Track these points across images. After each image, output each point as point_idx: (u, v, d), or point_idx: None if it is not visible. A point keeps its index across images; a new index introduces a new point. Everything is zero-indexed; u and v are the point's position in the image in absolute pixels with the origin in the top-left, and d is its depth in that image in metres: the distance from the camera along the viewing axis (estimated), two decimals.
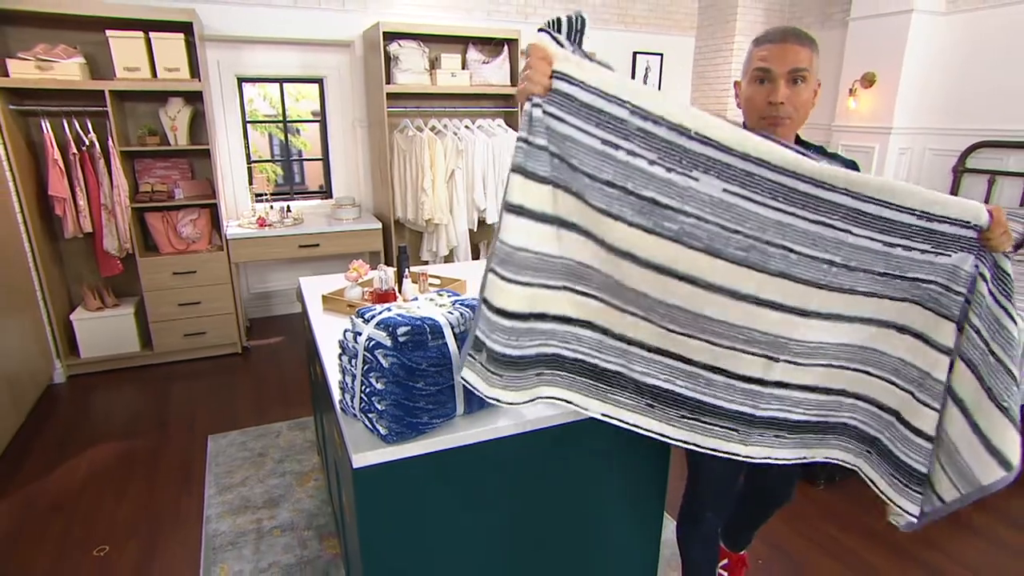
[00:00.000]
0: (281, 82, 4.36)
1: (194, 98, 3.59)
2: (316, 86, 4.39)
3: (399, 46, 3.94)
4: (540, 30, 1.06)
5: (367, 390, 1.23)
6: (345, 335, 1.30)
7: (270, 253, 3.87)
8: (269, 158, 6.94)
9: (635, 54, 5.19)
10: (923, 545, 2.16)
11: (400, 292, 2.08)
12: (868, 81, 4.28)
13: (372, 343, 1.20)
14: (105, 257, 3.47)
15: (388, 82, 3.94)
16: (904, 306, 1.12)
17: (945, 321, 1.11)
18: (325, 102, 4.38)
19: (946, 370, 1.13)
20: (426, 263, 4.16)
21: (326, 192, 4.60)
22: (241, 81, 4.10)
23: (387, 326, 1.19)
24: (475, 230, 4.40)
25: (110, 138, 3.30)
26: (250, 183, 4.23)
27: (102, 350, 3.52)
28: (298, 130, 7.00)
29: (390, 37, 3.92)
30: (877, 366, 1.19)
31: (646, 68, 5.27)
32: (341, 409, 1.34)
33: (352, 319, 1.28)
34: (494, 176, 4.27)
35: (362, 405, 1.25)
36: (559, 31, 1.06)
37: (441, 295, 1.39)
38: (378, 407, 1.20)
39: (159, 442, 2.82)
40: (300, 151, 7.32)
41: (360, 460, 1.19)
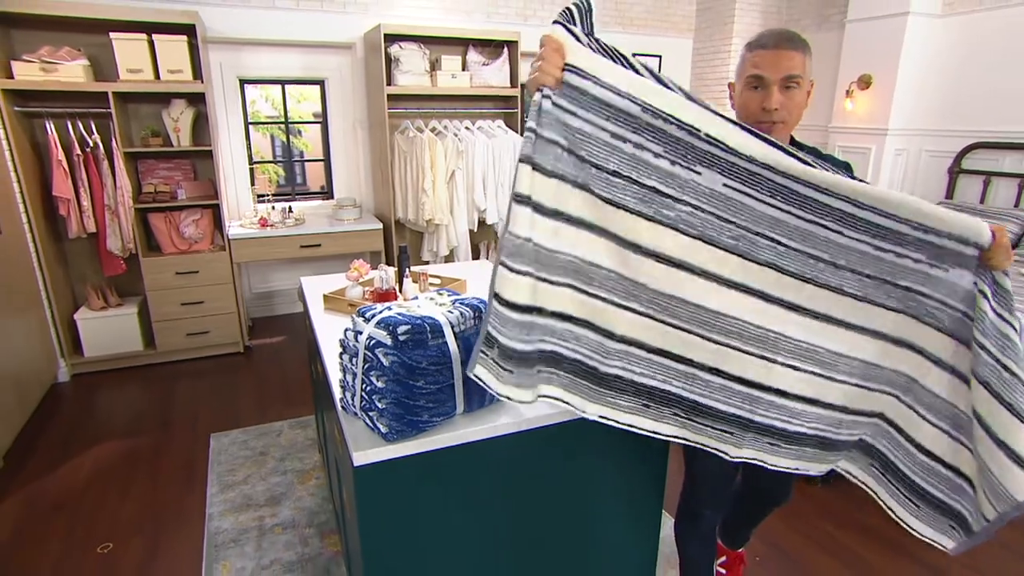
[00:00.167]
0: (283, 84, 4.36)
1: (197, 99, 3.59)
2: (317, 88, 4.39)
3: (400, 48, 3.94)
4: (555, 22, 1.05)
5: (368, 388, 1.23)
6: (346, 334, 1.30)
7: (272, 253, 3.87)
8: (271, 159, 6.94)
9: (633, 55, 5.18)
10: (921, 543, 2.14)
11: (401, 292, 2.08)
12: (864, 83, 4.28)
13: (373, 342, 1.20)
14: (108, 257, 3.47)
15: (389, 83, 3.94)
16: (900, 318, 1.12)
17: (941, 334, 1.11)
18: (326, 103, 4.38)
19: (942, 382, 1.13)
20: (427, 263, 4.16)
21: (327, 193, 4.60)
22: (243, 83, 4.10)
23: (387, 325, 1.19)
24: (475, 230, 4.40)
25: (113, 139, 3.30)
26: (252, 184, 4.23)
27: (106, 349, 3.52)
28: (300, 131, 7.00)
29: (391, 39, 3.92)
30: (876, 380, 1.19)
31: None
32: (342, 407, 1.34)
33: (353, 318, 1.28)
34: (494, 177, 4.27)
35: (363, 403, 1.25)
36: (572, 22, 1.06)
37: (441, 294, 1.39)
38: (379, 405, 1.20)
39: (162, 440, 2.82)
40: (302, 152, 7.32)
41: (361, 458, 1.19)
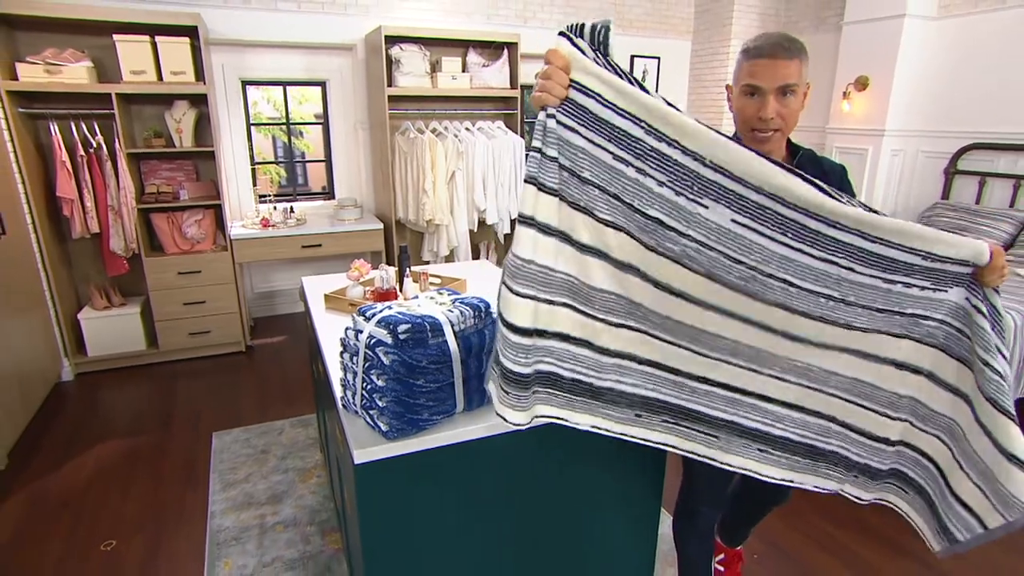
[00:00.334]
0: (284, 85, 4.35)
1: (199, 101, 3.59)
2: (319, 89, 4.38)
3: (400, 49, 3.94)
4: (560, 34, 1.01)
5: (368, 387, 1.23)
6: (347, 333, 1.30)
7: (273, 253, 3.87)
8: (273, 160, 6.93)
9: (632, 57, 5.19)
10: (919, 541, 2.13)
11: (401, 291, 2.08)
12: (861, 84, 4.28)
13: (373, 340, 1.20)
14: (112, 257, 3.47)
15: (390, 85, 3.94)
16: (904, 343, 1.11)
17: (935, 350, 1.11)
18: (328, 105, 4.37)
19: (941, 400, 1.13)
20: (427, 263, 4.16)
21: (328, 193, 4.60)
22: (245, 84, 4.10)
23: (388, 324, 1.19)
24: (475, 230, 4.40)
25: (117, 140, 3.30)
26: (254, 184, 4.23)
27: (109, 349, 3.52)
28: (301, 132, 6.99)
29: (391, 41, 3.92)
30: (869, 399, 1.18)
31: (644, 71, 5.27)
32: (343, 406, 1.34)
33: (354, 317, 1.28)
34: (494, 177, 4.27)
35: (363, 402, 1.25)
36: (580, 36, 1.02)
37: (441, 293, 1.39)
38: (379, 404, 1.20)
39: (164, 439, 2.82)
40: (303, 153, 7.32)
41: (361, 456, 1.19)
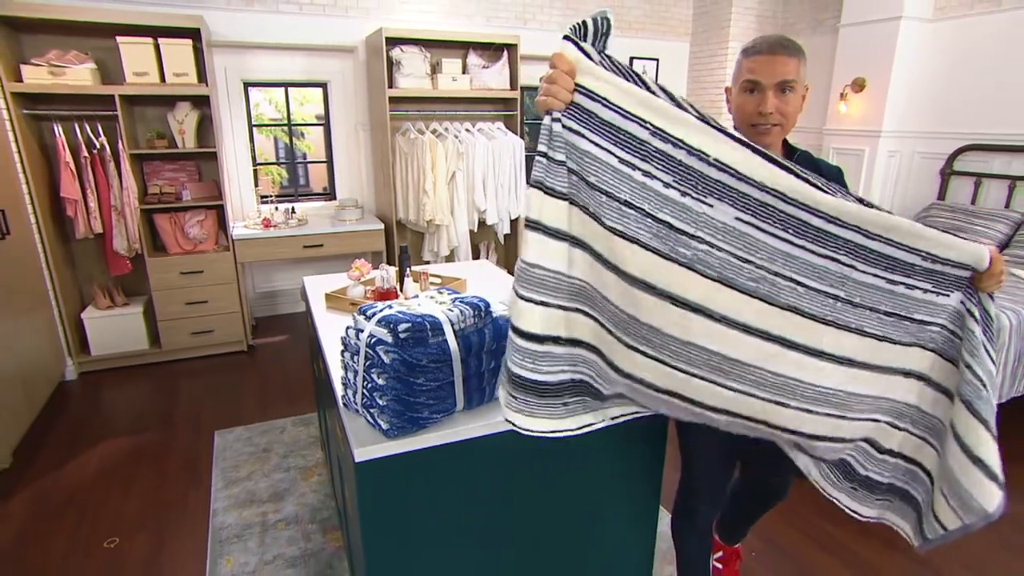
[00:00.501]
0: (286, 86, 4.35)
1: (201, 102, 3.59)
2: (320, 90, 4.38)
3: (401, 51, 3.94)
4: (565, 37, 1.00)
5: (369, 385, 1.23)
6: (347, 332, 1.30)
7: (275, 253, 3.87)
8: (274, 161, 6.93)
9: (631, 59, 5.19)
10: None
11: (401, 291, 2.08)
12: (858, 86, 4.28)
13: (374, 339, 1.20)
14: (115, 257, 3.47)
15: (390, 86, 3.94)
16: (911, 351, 1.10)
17: (934, 355, 1.11)
18: (329, 106, 4.37)
19: (928, 399, 1.14)
20: (427, 263, 4.16)
21: (330, 194, 4.59)
22: (247, 86, 4.10)
23: (388, 323, 1.19)
24: (475, 231, 4.41)
25: (120, 141, 3.30)
26: (256, 185, 4.22)
27: (112, 348, 3.53)
28: (303, 133, 6.99)
29: (392, 42, 3.92)
30: (885, 412, 1.17)
31: (643, 71, 5.26)
32: (343, 404, 1.34)
33: (354, 316, 1.28)
34: (494, 178, 4.27)
35: (364, 400, 1.25)
36: (584, 37, 1.01)
37: (441, 293, 1.39)
38: (379, 402, 1.20)
39: (167, 437, 2.82)
40: (304, 154, 7.32)
41: (362, 454, 1.19)
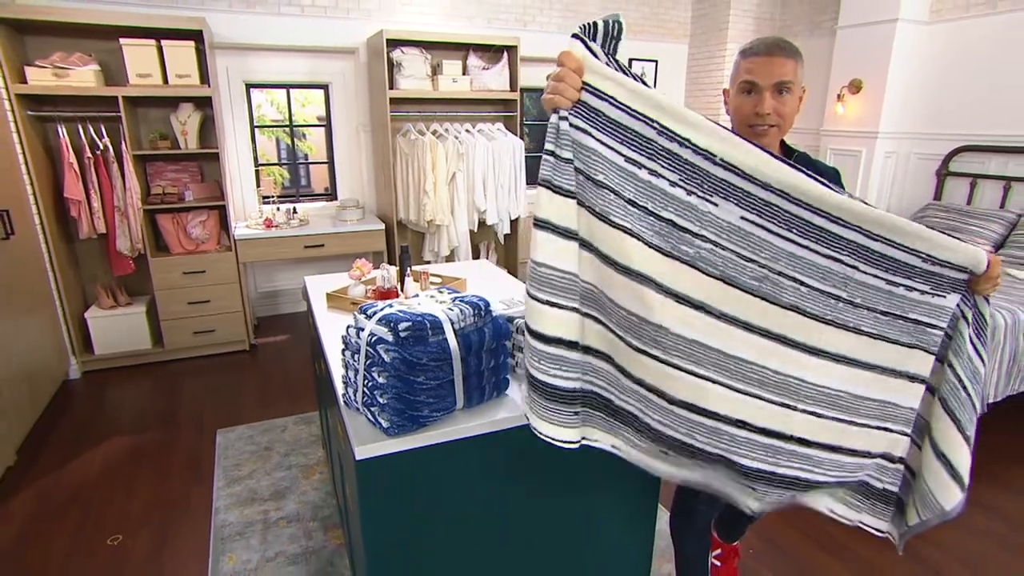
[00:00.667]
0: (288, 88, 4.35)
1: (204, 103, 3.59)
2: (322, 92, 4.38)
3: (402, 53, 3.94)
4: (574, 36, 0.98)
5: (369, 384, 1.23)
6: (348, 331, 1.30)
7: (277, 253, 3.87)
8: (276, 161, 6.93)
9: (630, 61, 5.19)
10: (919, 540, 2.12)
11: (402, 290, 2.08)
12: (855, 87, 4.28)
13: (374, 338, 1.20)
14: (118, 257, 3.47)
15: (391, 87, 3.94)
16: (914, 352, 1.09)
17: (935, 359, 1.10)
18: (330, 107, 4.37)
19: (921, 399, 1.13)
20: (428, 263, 4.15)
21: (331, 194, 4.59)
22: (249, 87, 4.10)
23: (389, 322, 1.19)
24: (475, 231, 4.41)
25: (123, 142, 3.30)
26: (257, 186, 4.22)
27: (115, 347, 3.53)
28: (304, 134, 6.99)
29: (393, 44, 3.92)
30: (896, 420, 1.15)
31: (642, 74, 5.26)
32: (344, 403, 1.34)
33: (355, 315, 1.28)
34: (494, 179, 4.27)
35: (364, 399, 1.25)
36: (594, 37, 0.99)
37: (441, 292, 1.39)
38: (380, 400, 1.20)
39: (170, 436, 2.82)
40: (306, 155, 7.32)
41: (363, 452, 1.19)
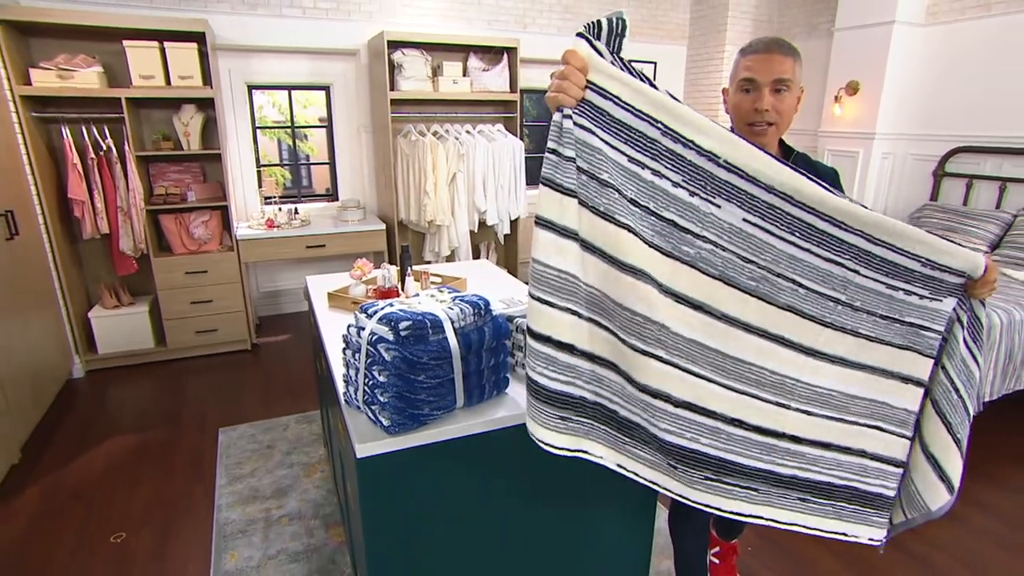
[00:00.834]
0: (289, 89, 4.35)
1: (206, 105, 3.59)
2: (323, 93, 4.38)
3: (403, 54, 3.94)
4: (579, 34, 0.97)
5: (370, 383, 1.22)
6: (349, 330, 1.30)
7: (278, 253, 3.87)
8: (278, 162, 6.93)
9: (630, 62, 5.18)
10: (917, 539, 2.12)
11: (403, 289, 2.08)
12: (852, 89, 4.28)
13: (375, 337, 1.20)
14: (121, 257, 3.47)
15: (392, 89, 3.94)
16: (906, 354, 1.09)
17: (930, 360, 1.10)
18: (332, 108, 4.37)
19: (918, 401, 1.13)
20: (428, 263, 4.15)
21: (332, 195, 4.59)
22: (251, 88, 4.10)
23: (389, 321, 1.19)
24: (475, 231, 4.40)
25: (126, 143, 3.30)
26: (259, 186, 4.22)
27: (118, 346, 3.52)
28: (306, 135, 7.00)
29: (394, 46, 3.91)
30: (889, 421, 1.14)
31: (640, 73, 5.26)
32: (345, 401, 1.34)
33: (356, 314, 1.28)
34: (494, 179, 4.27)
35: (365, 397, 1.25)
36: (598, 36, 0.98)
37: (442, 291, 1.39)
38: (381, 399, 1.20)
39: (172, 435, 2.82)
40: (307, 156, 7.33)
41: (363, 450, 1.19)
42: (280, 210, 4.04)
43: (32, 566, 1.99)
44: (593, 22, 0.97)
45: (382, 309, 1.24)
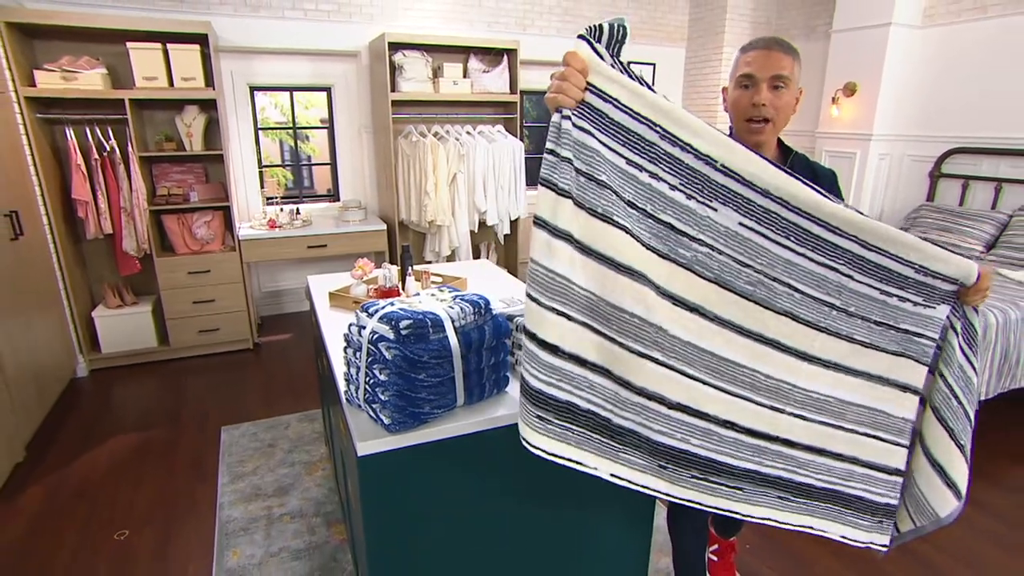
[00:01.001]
0: (291, 90, 4.35)
1: (209, 106, 3.59)
2: (324, 94, 4.38)
3: (403, 56, 3.94)
4: (579, 36, 0.97)
5: (371, 381, 1.22)
6: (350, 329, 1.30)
7: (280, 253, 3.87)
8: (280, 163, 6.93)
9: (628, 64, 5.18)
10: (916, 539, 2.12)
11: (403, 289, 2.07)
12: (850, 90, 4.28)
13: (376, 336, 1.20)
14: (124, 257, 3.47)
15: (393, 90, 3.94)
16: (901, 361, 1.09)
17: (926, 369, 1.10)
18: (333, 109, 4.37)
19: (915, 409, 1.13)
20: (429, 262, 4.15)
21: (334, 195, 4.59)
22: (253, 90, 4.10)
23: (390, 320, 1.19)
24: (476, 231, 4.40)
25: (129, 144, 3.30)
26: (261, 187, 4.22)
27: (122, 346, 3.52)
28: (307, 136, 7.00)
29: (395, 47, 3.92)
30: (885, 429, 1.14)
31: (639, 77, 5.26)
32: (346, 400, 1.34)
33: (357, 314, 1.28)
34: (494, 180, 4.27)
35: (366, 396, 1.25)
36: (599, 39, 0.98)
37: (442, 290, 1.39)
38: (382, 397, 1.20)
39: (175, 433, 2.82)
40: (309, 156, 7.33)
41: (364, 448, 1.19)
42: (282, 210, 4.04)
43: (35, 564, 1.98)
44: (595, 26, 0.97)
45: (383, 308, 1.24)
